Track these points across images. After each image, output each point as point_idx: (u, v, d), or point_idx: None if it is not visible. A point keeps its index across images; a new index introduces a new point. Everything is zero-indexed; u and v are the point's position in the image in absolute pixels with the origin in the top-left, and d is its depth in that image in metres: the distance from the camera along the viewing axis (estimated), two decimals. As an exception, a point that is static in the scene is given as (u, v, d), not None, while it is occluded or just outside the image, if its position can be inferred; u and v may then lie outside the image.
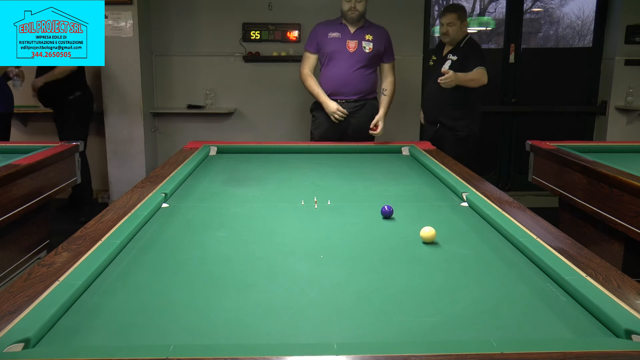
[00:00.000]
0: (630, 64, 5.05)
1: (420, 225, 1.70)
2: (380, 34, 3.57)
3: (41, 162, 2.78)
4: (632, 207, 2.30)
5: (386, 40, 3.59)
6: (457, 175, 2.44)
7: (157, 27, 4.97)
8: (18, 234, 2.78)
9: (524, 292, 1.34)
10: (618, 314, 1.14)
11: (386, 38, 3.59)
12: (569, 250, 1.52)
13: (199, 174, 2.62)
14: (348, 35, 3.52)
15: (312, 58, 3.60)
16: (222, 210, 2.05)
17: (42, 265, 1.38)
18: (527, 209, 1.94)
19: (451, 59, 3.69)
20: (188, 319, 1.19)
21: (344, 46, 3.51)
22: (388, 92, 3.60)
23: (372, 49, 3.52)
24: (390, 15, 4.98)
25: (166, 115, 5.14)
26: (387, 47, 3.59)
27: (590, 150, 3.08)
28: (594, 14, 5.35)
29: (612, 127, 5.16)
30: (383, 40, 3.57)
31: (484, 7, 6.54)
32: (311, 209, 2.06)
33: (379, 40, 3.54)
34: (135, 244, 1.64)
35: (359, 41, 3.50)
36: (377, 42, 3.54)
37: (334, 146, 3.29)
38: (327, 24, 3.61)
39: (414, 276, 1.44)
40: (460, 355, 0.98)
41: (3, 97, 4.19)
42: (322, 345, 1.02)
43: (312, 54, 3.61)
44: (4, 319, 1.10)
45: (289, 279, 1.41)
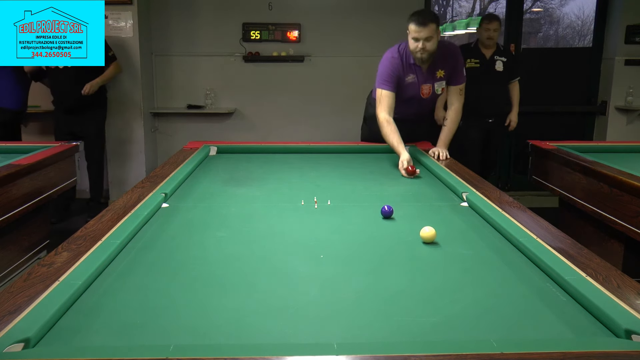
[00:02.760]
0: (630, 64, 5.05)
1: (420, 225, 1.69)
2: (450, 57, 3.02)
3: (41, 162, 2.78)
4: (632, 207, 2.30)
5: (455, 62, 3.04)
6: (457, 175, 2.44)
7: (157, 27, 4.97)
8: (18, 234, 2.78)
9: (524, 292, 1.34)
10: (618, 314, 1.14)
11: (455, 60, 3.04)
12: (569, 250, 1.52)
13: (199, 174, 2.62)
14: (421, 78, 3.01)
15: (391, 97, 2.91)
16: (222, 210, 2.05)
17: (42, 265, 1.38)
18: (527, 209, 1.94)
19: (501, 60, 4.29)
20: (188, 319, 1.19)
21: (418, 92, 3.04)
22: (449, 122, 3.08)
23: (444, 86, 3.09)
24: (391, 15, 4.99)
25: (166, 115, 5.14)
26: (456, 69, 3.05)
27: (590, 150, 3.08)
28: (594, 14, 5.35)
29: (612, 127, 5.16)
30: (452, 63, 3.03)
31: (484, 7, 6.55)
32: (311, 208, 2.06)
33: (449, 68, 3.03)
34: (135, 244, 1.64)
35: (432, 85, 3.03)
36: (448, 71, 3.03)
37: (334, 146, 3.29)
38: (402, 62, 2.94)
39: (414, 276, 1.44)
40: (460, 355, 0.98)
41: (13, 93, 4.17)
42: (322, 345, 1.02)
43: (391, 93, 2.91)
44: (4, 319, 1.10)
45: (289, 278, 1.41)
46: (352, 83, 4.91)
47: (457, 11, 6.67)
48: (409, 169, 2.54)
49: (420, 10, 2.91)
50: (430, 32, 2.78)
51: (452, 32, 6.00)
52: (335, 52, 5.07)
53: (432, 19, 2.80)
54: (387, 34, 5.05)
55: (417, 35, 2.79)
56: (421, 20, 2.77)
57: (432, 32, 2.78)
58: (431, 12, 2.83)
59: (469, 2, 6.57)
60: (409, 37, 2.85)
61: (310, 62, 5.08)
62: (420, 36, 2.79)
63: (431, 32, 2.78)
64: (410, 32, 2.82)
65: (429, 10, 2.81)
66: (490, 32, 4.23)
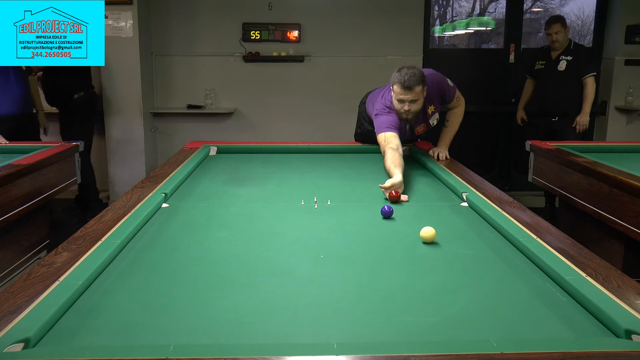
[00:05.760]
0: (630, 64, 5.05)
1: (420, 225, 1.70)
2: (436, 90, 2.87)
3: (41, 162, 2.78)
4: (632, 207, 2.30)
5: (440, 90, 2.91)
6: (457, 175, 2.44)
7: (157, 27, 4.97)
8: (18, 234, 2.78)
9: (524, 292, 1.34)
10: (618, 314, 1.14)
11: (439, 89, 2.89)
12: (569, 250, 1.52)
13: (199, 174, 2.62)
14: (416, 124, 2.93)
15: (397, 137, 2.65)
16: (222, 210, 2.05)
17: (42, 265, 1.38)
18: (527, 209, 1.94)
19: (566, 59, 4.30)
20: (188, 318, 1.19)
21: (414, 132, 3.01)
22: (450, 123, 3.05)
23: (439, 116, 2.99)
24: (391, 15, 5.00)
25: (166, 115, 5.14)
26: (444, 92, 2.93)
27: (590, 150, 3.07)
28: (594, 14, 5.35)
29: (612, 127, 5.16)
30: (440, 93, 2.91)
31: (484, 7, 6.54)
32: (311, 209, 2.06)
33: (437, 99, 2.91)
34: (135, 244, 1.64)
35: (426, 123, 2.95)
36: (437, 102, 2.92)
37: (334, 146, 3.29)
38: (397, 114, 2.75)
39: (413, 276, 1.44)
40: (460, 355, 0.98)
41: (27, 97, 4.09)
42: (322, 345, 1.02)
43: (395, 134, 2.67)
44: (4, 319, 1.10)
45: (289, 278, 1.41)
46: (352, 83, 4.91)
47: (457, 11, 6.66)
48: (392, 193, 2.14)
49: (407, 69, 2.60)
50: (417, 95, 2.61)
51: (452, 32, 5.99)
52: (335, 52, 5.07)
53: (418, 81, 2.58)
54: (387, 34, 5.07)
55: (402, 97, 2.62)
56: (407, 85, 2.57)
57: (418, 94, 2.61)
58: (417, 71, 2.62)
59: (469, 2, 6.56)
60: (394, 97, 2.67)
61: (310, 62, 5.08)
62: (405, 99, 2.61)
63: (417, 95, 2.61)
64: (395, 93, 2.64)
65: (415, 70, 2.59)
66: (552, 36, 4.29)
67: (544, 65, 4.44)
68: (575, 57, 4.30)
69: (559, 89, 4.33)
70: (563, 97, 4.34)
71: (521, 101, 4.74)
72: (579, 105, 4.31)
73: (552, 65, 4.38)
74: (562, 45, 4.33)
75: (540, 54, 4.51)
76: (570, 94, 4.32)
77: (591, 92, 4.28)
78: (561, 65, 4.32)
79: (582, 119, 4.29)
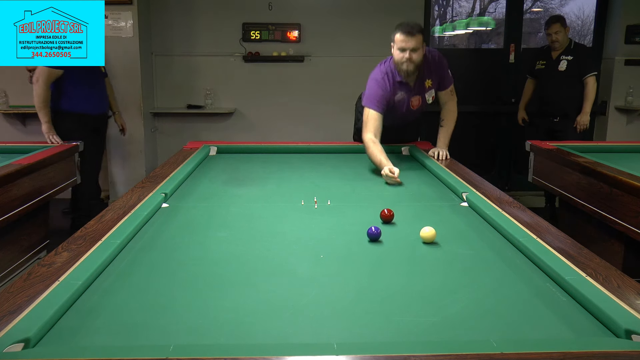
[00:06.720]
0: (630, 64, 5.05)
1: (420, 225, 1.70)
2: (436, 66, 2.97)
3: (41, 162, 2.78)
4: (632, 207, 2.30)
5: (441, 69, 3.00)
6: (457, 175, 2.44)
7: (157, 27, 4.97)
8: (18, 234, 2.78)
9: (524, 292, 1.34)
10: (618, 314, 1.14)
11: (440, 66, 2.99)
12: (569, 250, 1.52)
13: (199, 174, 2.62)
14: (411, 93, 2.96)
15: (378, 119, 2.83)
16: (222, 210, 2.05)
17: (42, 265, 1.38)
18: (527, 209, 1.94)
19: (566, 59, 4.29)
20: (188, 318, 1.19)
21: (408, 105, 2.99)
22: (445, 122, 3.07)
23: (434, 94, 3.04)
24: (391, 15, 4.98)
25: (166, 115, 5.14)
26: (443, 75, 3.01)
27: (590, 150, 3.08)
28: (594, 14, 5.35)
29: (612, 127, 5.16)
30: (439, 71, 2.99)
31: (484, 7, 6.55)
32: (311, 209, 2.06)
33: (436, 75, 2.99)
34: (135, 244, 1.64)
35: (422, 96, 2.99)
36: (435, 80, 2.99)
37: (334, 146, 3.29)
38: (389, 82, 2.88)
39: (413, 276, 1.44)
40: (460, 355, 0.98)
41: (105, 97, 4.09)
42: (322, 345, 1.02)
43: (379, 114, 2.83)
44: (4, 319, 1.10)
45: (289, 278, 1.41)
46: (352, 83, 4.88)
47: (457, 11, 6.67)
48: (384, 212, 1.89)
49: (407, 22, 2.80)
50: (417, 42, 2.73)
51: (452, 32, 5.99)
52: (335, 52, 5.07)
53: (419, 30, 2.75)
54: (387, 34, 5.03)
55: (404, 45, 2.73)
56: (408, 30, 2.72)
57: (419, 43, 2.74)
58: (417, 23, 2.81)
59: (469, 2, 6.56)
60: (395, 47, 2.79)
61: (310, 62, 5.08)
62: (407, 46, 2.73)
63: (418, 42, 2.73)
64: (397, 42, 2.76)
65: (415, 22, 2.78)
66: (552, 36, 4.28)
67: (545, 65, 4.44)
68: (576, 57, 4.30)
69: (559, 89, 4.33)
70: (564, 97, 4.34)
71: (522, 101, 4.74)
72: (580, 105, 4.30)
73: (552, 65, 4.38)
74: (562, 45, 4.32)
75: (540, 54, 4.52)
76: (571, 94, 4.32)
77: (592, 92, 4.27)
78: (562, 65, 4.32)
79: (583, 119, 4.28)
